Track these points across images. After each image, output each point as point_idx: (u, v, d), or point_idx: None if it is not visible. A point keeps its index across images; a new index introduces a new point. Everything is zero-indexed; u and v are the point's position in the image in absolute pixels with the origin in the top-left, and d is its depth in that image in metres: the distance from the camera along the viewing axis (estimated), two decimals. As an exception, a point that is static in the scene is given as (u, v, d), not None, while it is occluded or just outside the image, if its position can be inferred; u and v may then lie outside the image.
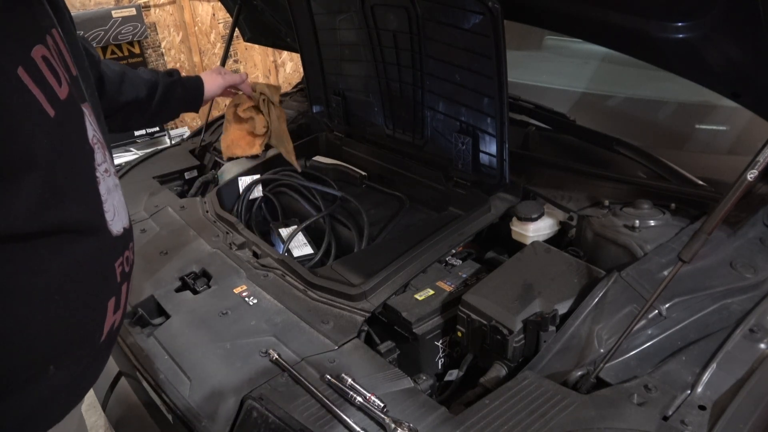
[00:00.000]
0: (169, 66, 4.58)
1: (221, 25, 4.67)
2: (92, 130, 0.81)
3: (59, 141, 0.71)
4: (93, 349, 0.84)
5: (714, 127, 1.82)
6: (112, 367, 1.42)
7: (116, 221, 0.85)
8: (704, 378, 1.00)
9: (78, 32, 0.96)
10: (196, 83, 1.74)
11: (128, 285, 0.92)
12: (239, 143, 2.08)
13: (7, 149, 0.63)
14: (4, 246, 0.65)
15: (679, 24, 1.18)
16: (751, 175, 1.06)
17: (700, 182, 1.47)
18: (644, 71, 1.69)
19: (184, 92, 1.70)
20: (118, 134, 4.20)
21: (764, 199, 1.36)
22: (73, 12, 3.94)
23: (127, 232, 0.89)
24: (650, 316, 1.12)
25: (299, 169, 2.05)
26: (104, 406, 1.45)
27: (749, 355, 1.04)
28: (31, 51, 0.69)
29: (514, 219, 1.53)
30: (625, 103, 2.04)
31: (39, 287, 0.69)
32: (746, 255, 1.26)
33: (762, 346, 1.05)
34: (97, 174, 0.81)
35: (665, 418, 0.94)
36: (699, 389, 0.99)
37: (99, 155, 0.82)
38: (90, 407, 2.27)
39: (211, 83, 1.78)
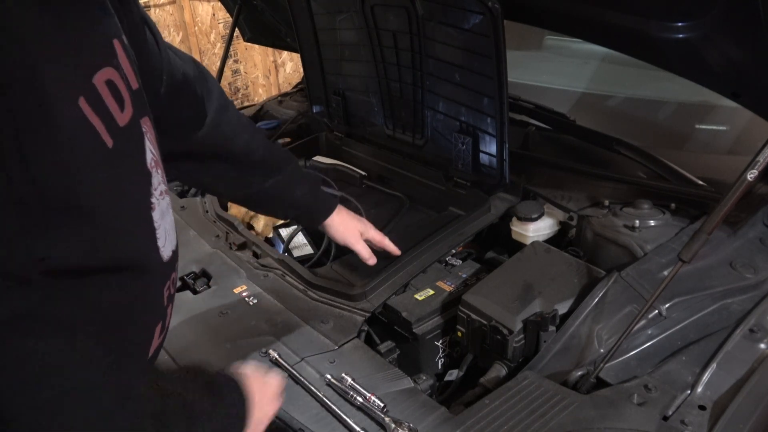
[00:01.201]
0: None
1: (221, 25, 4.67)
2: (151, 152, 0.74)
3: (116, 174, 0.65)
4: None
5: (714, 127, 1.82)
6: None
7: (167, 246, 0.78)
8: (704, 378, 1.00)
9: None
10: (329, 199, 1.35)
11: (172, 306, 0.86)
12: None
13: (58, 187, 0.57)
14: (55, 281, 0.58)
15: (679, 24, 1.18)
16: (751, 175, 1.06)
17: (700, 182, 1.47)
18: (644, 71, 1.69)
19: (308, 189, 1.29)
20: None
21: (764, 199, 1.36)
22: (73, 12, 3.94)
23: (175, 255, 0.83)
24: (650, 316, 1.12)
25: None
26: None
27: (749, 355, 1.04)
28: (95, 76, 0.62)
29: (514, 219, 1.53)
30: (625, 103, 2.04)
31: (86, 320, 0.63)
32: (746, 255, 1.26)
33: (762, 346, 1.06)
34: (153, 200, 0.74)
35: (665, 418, 0.95)
36: (699, 389, 0.99)
37: (156, 178, 0.75)
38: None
39: (345, 221, 1.36)
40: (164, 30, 4.48)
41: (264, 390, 0.86)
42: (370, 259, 1.36)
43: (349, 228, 1.34)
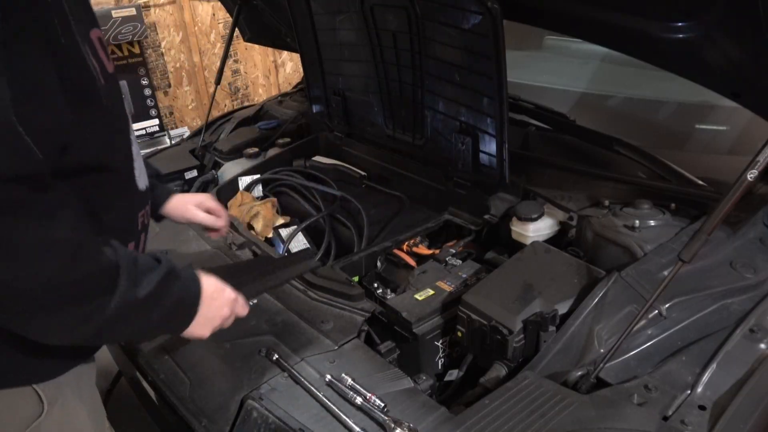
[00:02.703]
0: (170, 66, 4.57)
1: (221, 25, 4.67)
2: (128, 105, 0.97)
3: (110, 103, 0.88)
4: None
5: (714, 127, 1.82)
6: (112, 367, 1.42)
7: (141, 180, 1.02)
8: (704, 378, 1.00)
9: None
10: (164, 188, 1.40)
11: (146, 237, 1.08)
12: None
13: (79, 87, 0.81)
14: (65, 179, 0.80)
15: (680, 24, 1.18)
16: (751, 175, 1.06)
17: (700, 182, 1.47)
18: (644, 71, 1.69)
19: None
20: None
21: (764, 199, 1.36)
22: (73, 12, 3.94)
23: (148, 191, 1.07)
24: (650, 316, 1.12)
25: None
26: (104, 406, 1.45)
27: (749, 355, 1.04)
28: (90, 32, 0.86)
29: (514, 219, 1.53)
30: (625, 103, 2.04)
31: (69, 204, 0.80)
32: (746, 255, 1.26)
33: (762, 346, 1.05)
34: (131, 137, 0.99)
35: (665, 418, 0.94)
36: (699, 389, 0.99)
37: (131, 126, 1.00)
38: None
39: (181, 199, 1.39)
40: (164, 30, 4.47)
41: (220, 294, 0.97)
42: (217, 222, 1.39)
43: (187, 203, 1.38)
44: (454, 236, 1.70)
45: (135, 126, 4.25)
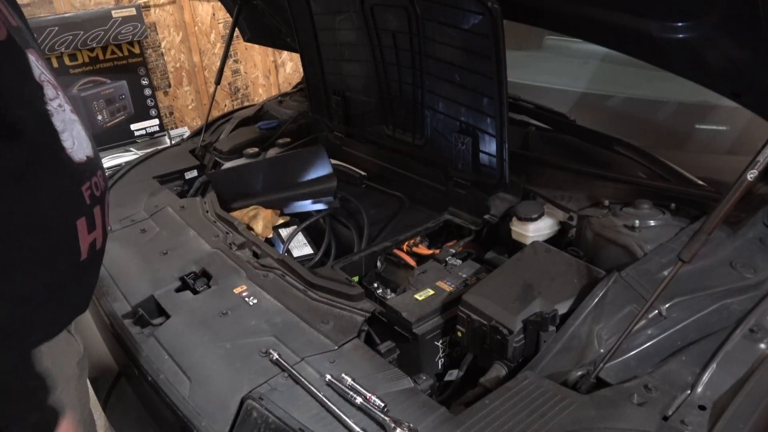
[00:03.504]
0: (170, 66, 4.57)
1: (221, 25, 4.67)
2: (39, 70, 0.90)
3: (9, 63, 0.83)
4: (74, 265, 0.93)
5: (714, 127, 1.82)
6: (112, 367, 1.42)
7: (77, 150, 0.94)
8: (704, 378, 1.00)
9: (78, 32, 1.01)
10: None
11: (103, 208, 1.00)
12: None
13: None
14: None
15: (680, 24, 1.18)
16: (751, 175, 1.06)
17: (700, 182, 1.47)
18: (644, 71, 1.69)
19: None
20: (117, 134, 4.20)
21: (764, 199, 1.36)
22: (73, 12, 3.93)
23: (91, 160, 0.98)
24: (650, 316, 1.12)
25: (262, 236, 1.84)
26: (104, 406, 1.45)
27: (749, 355, 1.04)
28: None
29: (514, 219, 1.53)
30: (625, 103, 2.04)
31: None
32: (746, 255, 1.25)
33: (762, 346, 1.05)
34: (49, 108, 0.90)
35: (665, 418, 0.94)
36: (699, 389, 0.99)
37: (50, 91, 0.91)
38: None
39: None
40: (164, 30, 4.47)
41: None
42: None
43: None
44: (454, 236, 1.70)
45: (135, 126, 4.26)
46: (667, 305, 1.13)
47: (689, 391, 0.99)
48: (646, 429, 0.92)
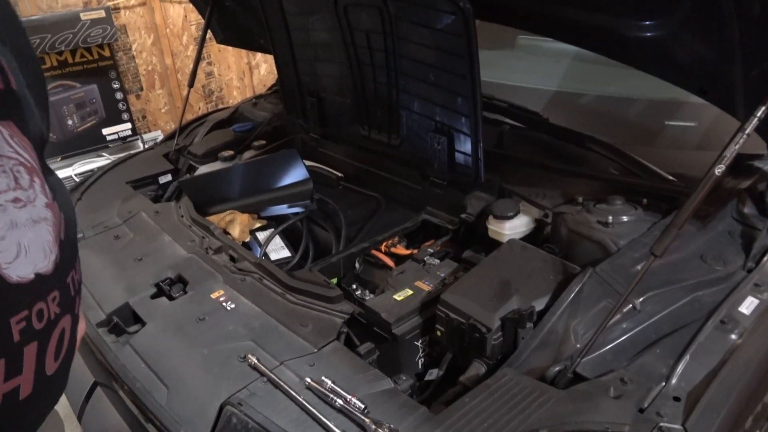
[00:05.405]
0: (141, 69, 4.50)
1: (193, 27, 4.61)
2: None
3: None
4: None
5: (683, 124, 1.86)
6: (87, 377, 1.39)
7: (20, 264, 0.59)
8: (678, 370, 1.02)
9: (46, 35, 0.78)
10: None
11: (44, 345, 0.67)
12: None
13: None
14: None
15: (647, 22, 1.20)
16: (718, 170, 1.08)
17: (671, 177, 1.50)
18: (614, 69, 1.71)
19: None
20: (88, 139, 4.12)
21: (732, 193, 1.39)
22: (41, 15, 3.85)
23: (42, 279, 0.62)
24: (625, 310, 1.13)
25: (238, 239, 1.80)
26: (80, 417, 1.42)
27: (721, 346, 1.06)
28: None
29: (491, 217, 1.54)
30: (596, 100, 2.07)
31: None
32: (716, 248, 1.28)
33: (733, 336, 1.08)
34: None
35: (641, 410, 0.96)
36: (673, 381, 1.01)
37: (3, 181, 0.66)
38: (66, 418, 2.22)
39: None
40: (135, 32, 4.40)
41: None
42: None
43: None
44: (431, 236, 1.71)
45: (107, 130, 4.19)
46: (641, 299, 1.15)
47: (664, 383, 1.00)
48: (622, 422, 0.93)
